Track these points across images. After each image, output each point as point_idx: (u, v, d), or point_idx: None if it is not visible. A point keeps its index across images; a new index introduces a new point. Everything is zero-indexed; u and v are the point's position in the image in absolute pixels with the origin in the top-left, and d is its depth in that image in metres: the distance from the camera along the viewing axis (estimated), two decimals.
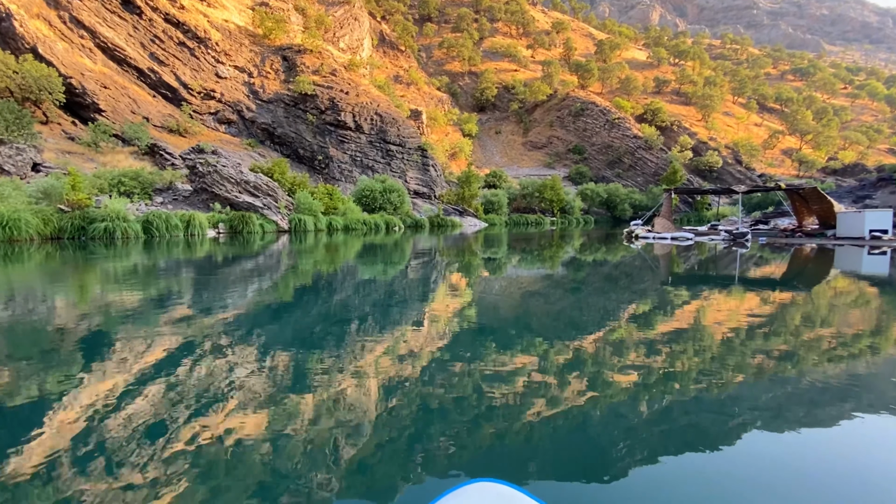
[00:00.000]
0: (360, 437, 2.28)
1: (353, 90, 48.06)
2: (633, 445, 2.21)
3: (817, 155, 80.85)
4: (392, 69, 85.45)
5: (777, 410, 2.65)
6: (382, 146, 47.66)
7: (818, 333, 4.48)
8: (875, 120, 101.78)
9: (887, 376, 3.32)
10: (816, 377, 3.23)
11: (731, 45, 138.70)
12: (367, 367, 3.31)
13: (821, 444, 2.26)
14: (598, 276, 9.43)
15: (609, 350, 3.84)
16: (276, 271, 9.17)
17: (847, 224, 20.27)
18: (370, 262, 11.22)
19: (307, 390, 2.85)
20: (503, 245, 18.60)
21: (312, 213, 25.38)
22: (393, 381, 3.05)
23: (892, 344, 4.14)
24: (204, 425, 2.35)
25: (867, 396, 2.89)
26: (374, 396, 2.79)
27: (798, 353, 3.81)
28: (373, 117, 47.42)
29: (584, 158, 79.41)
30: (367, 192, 34.05)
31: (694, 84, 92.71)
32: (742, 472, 1.97)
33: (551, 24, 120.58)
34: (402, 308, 5.46)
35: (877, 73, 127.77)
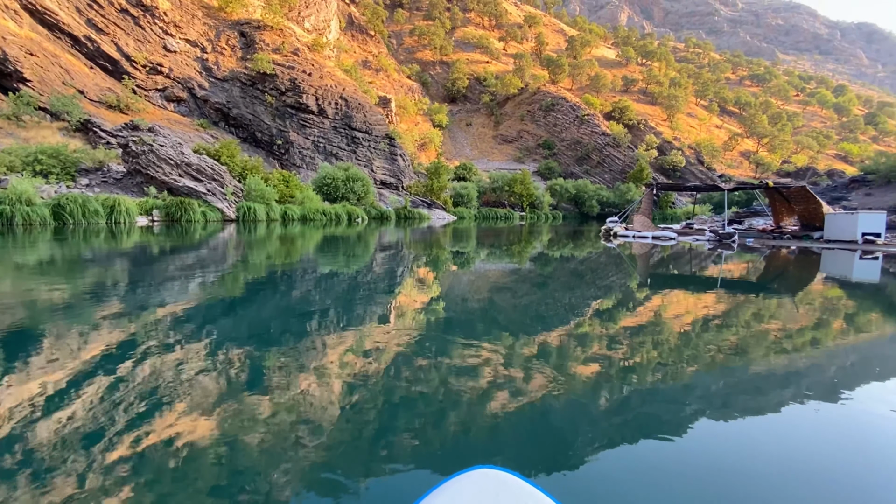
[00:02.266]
0: (323, 435, 2.23)
1: (317, 72, 45.52)
2: (593, 434, 2.30)
3: (773, 158, 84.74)
4: (360, 54, 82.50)
5: (724, 398, 2.84)
6: (347, 133, 45.47)
7: (799, 337, 4.76)
8: (824, 126, 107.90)
9: (839, 368, 3.58)
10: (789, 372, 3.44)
11: (694, 48, 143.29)
12: (330, 364, 3.23)
13: (762, 430, 2.43)
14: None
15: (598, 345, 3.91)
16: (222, 265, 8.37)
17: (837, 226, 19.33)
18: (331, 256, 10.66)
19: (265, 389, 2.74)
20: (472, 240, 17.47)
21: (265, 200, 23.38)
22: (357, 376, 3.00)
23: (849, 342, 4.48)
24: (148, 429, 2.23)
25: (805, 386, 3.12)
26: (338, 393, 2.74)
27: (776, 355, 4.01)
28: (338, 102, 45.11)
29: (554, 154, 79.71)
30: (329, 181, 32.08)
31: (660, 84, 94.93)
32: (692, 457, 2.11)
33: (523, 17, 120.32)
34: (367, 303, 5.32)
35: (826, 82, 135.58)
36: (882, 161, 28.10)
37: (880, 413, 2.69)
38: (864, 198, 24.94)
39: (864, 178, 27.62)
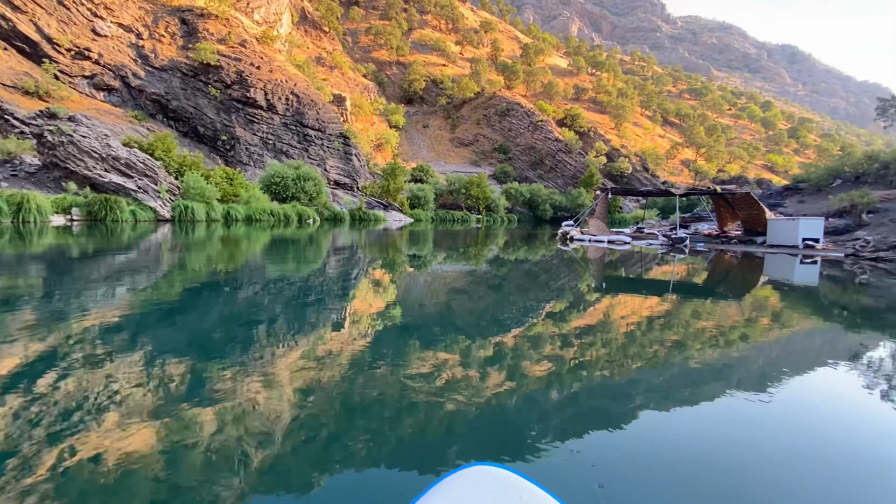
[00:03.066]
0: (273, 445, 2.15)
1: (267, 65, 43.47)
2: (544, 427, 2.38)
3: (710, 167, 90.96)
4: (314, 50, 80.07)
5: (665, 391, 3.02)
6: (299, 130, 43.71)
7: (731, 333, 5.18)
8: (753, 139, 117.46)
9: (761, 362, 3.90)
10: (706, 364, 3.71)
11: (639, 62, 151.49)
12: (280, 372, 3.10)
13: (697, 418, 2.62)
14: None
15: (529, 344, 4.02)
16: (155, 269, 7.70)
17: (779, 232, 19.89)
18: (279, 259, 10.12)
19: (207, 400, 2.56)
20: (430, 243, 17.08)
21: (205, 199, 21.73)
22: (310, 383, 2.90)
23: (776, 338, 4.87)
24: (73, 447, 2.06)
25: (736, 378, 3.39)
26: (289, 401, 2.62)
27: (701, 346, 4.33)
28: (288, 97, 43.29)
29: (509, 158, 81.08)
30: (278, 179, 30.50)
31: (608, 94, 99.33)
32: (636, 446, 2.24)
33: (480, 23, 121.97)
34: (319, 309, 5.15)
35: (755, 98, 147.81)
36: (812, 171, 30.39)
37: (803, 399, 3.04)
38: (798, 205, 26.59)
39: (797, 187, 29.72)
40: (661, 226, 30.74)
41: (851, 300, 7.44)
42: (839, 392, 3.24)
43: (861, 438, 2.47)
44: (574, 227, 25.04)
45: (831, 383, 3.41)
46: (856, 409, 2.92)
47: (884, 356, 4.16)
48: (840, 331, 5.28)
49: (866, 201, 19.69)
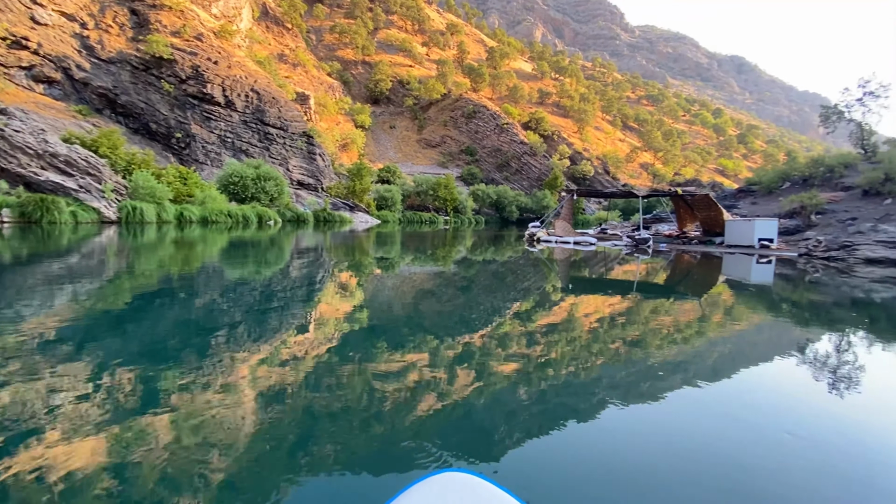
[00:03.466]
0: (233, 454, 2.06)
1: (225, 61, 41.93)
2: (512, 426, 2.43)
3: (666, 170, 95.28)
4: (276, 47, 77.98)
5: (627, 387, 3.14)
6: (260, 128, 42.43)
7: (688, 330, 5.45)
8: (706, 144, 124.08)
9: (715, 356, 4.18)
10: (663, 359, 3.88)
11: (600, 68, 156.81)
12: (241, 379, 2.96)
13: (658, 411, 2.75)
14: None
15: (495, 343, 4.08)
16: (100, 274, 7.20)
17: (737, 232, 20.30)
18: (239, 263, 9.72)
19: (161, 410, 2.43)
20: (398, 244, 16.98)
21: (156, 199, 20.67)
22: (273, 389, 2.80)
23: (730, 334, 5.23)
24: (11, 465, 1.90)
25: (692, 373, 3.61)
26: (251, 408, 2.52)
27: (655, 341, 4.53)
28: (248, 94, 41.94)
29: (476, 160, 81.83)
30: (236, 179, 29.43)
31: (571, 99, 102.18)
32: (601, 441, 2.32)
33: (446, 25, 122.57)
34: (282, 313, 4.98)
35: (707, 106, 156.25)
36: (763, 174, 31.98)
37: (754, 392, 3.25)
38: (751, 206, 27.59)
39: (749, 189, 31.12)
40: (624, 227, 31.78)
41: (804, 298, 7.98)
42: (789, 382, 3.46)
43: (816, 426, 2.65)
44: (540, 228, 25.16)
45: (784, 375, 3.65)
46: (807, 400, 3.13)
47: (831, 349, 4.49)
48: (794, 326, 5.68)
49: (815, 203, 20.62)
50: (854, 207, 19.73)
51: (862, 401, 3.04)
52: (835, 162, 25.03)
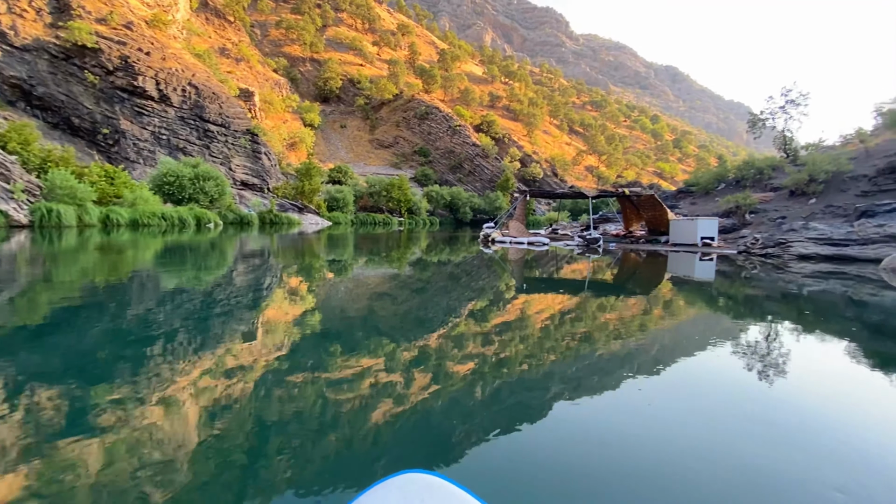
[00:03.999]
0: (174, 476, 1.91)
1: (158, 52, 39.22)
2: (469, 426, 2.45)
3: (610, 172, 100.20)
4: (217, 40, 74.10)
5: (577, 381, 3.30)
6: (199, 125, 40.07)
7: (630, 324, 5.75)
8: (645, 148, 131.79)
9: (657, 350, 4.39)
10: (609, 353, 4.11)
11: (547, 74, 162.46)
12: (181, 392, 2.75)
13: (605, 403, 2.90)
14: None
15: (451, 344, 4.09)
16: (11, 285, 6.55)
17: (680, 231, 20.96)
18: (175, 269, 9.06)
19: (91, 432, 2.23)
20: (350, 247, 16.66)
21: (77, 201, 18.88)
22: (218, 402, 2.64)
23: (671, 328, 5.55)
24: None
25: (636, 365, 3.81)
26: (195, 423, 2.37)
27: (601, 337, 4.80)
28: (185, 88, 39.48)
29: (429, 161, 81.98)
30: (172, 179, 27.54)
31: (520, 103, 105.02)
32: (553, 435, 2.41)
33: (397, 25, 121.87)
34: (226, 321, 4.71)
35: (645, 112, 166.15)
36: (701, 176, 34.09)
37: (701, 380, 3.51)
38: (691, 206, 29.05)
39: (688, 190, 33.08)
40: (573, 227, 32.99)
41: (744, 292, 8.69)
42: (732, 370, 3.75)
43: (751, 409, 2.88)
44: (495, 229, 25.41)
45: (727, 363, 3.95)
46: (751, 386, 3.41)
47: (768, 337, 4.95)
48: (734, 319, 6.24)
49: (748, 203, 22.14)
50: (783, 207, 21.48)
51: (797, 383, 3.36)
52: (763, 165, 27.26)
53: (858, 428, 2.64)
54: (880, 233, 14.58)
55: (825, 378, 3.60)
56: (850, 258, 14.33)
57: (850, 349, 4.44)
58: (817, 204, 20.06)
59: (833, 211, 18.08)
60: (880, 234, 14.54)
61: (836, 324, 5.60)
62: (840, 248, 14.91)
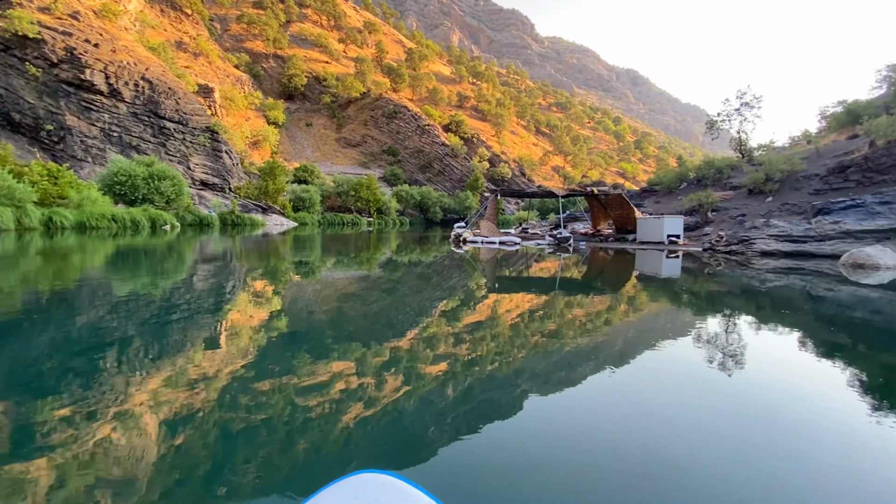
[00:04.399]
0: (132, 493, 1.83)
1: (108, 44, 37.15)
2: (441, 426, 2.46)
3: (575, 172, 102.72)
4: (173, 33, 70.97)
5: (546, 376, 3.37)
6: (154, 122, 38.25)
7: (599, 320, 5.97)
8: (608, 149, 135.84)
9: (622, 345, 4.58)
10: (577, 348, 4.23)
11: (513, 75, 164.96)
12: (138, 404, 2.61)
13: (573, 396, 2.97)
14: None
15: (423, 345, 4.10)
16: None
17: (647, 229, 21.35)
18: (128, 274, 8.56)
19: (39, 450, 2.09)
20: (317, 248, 16.35)
21: (14, 202, 17.53)
22: (179, 413, 2.51)
23: (635, 323, 5.77)
24: None
25: (602, 359, 3.95)
26: (154, 436, 2.26)
27: (570, 333, 4.92)
28: (139, 83, 37.59)
29: (398, 160, 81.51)
30: (124, 178, 26.11)
31: (488, 103, 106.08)
32: (523, 429, 2.45)
33: (363, 23, 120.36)
34: (187, 327, 4.53)
35: (608, 114, 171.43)
36: (664, 175, 34.87)
37: (667, 375, 3.68)
38: (655, 204, 29.56)
39: (652, 189, 33.99)
40: (542, 226, 33.50)
41: (708, 289, 9.12)
42: (700, 365, 3.94)
43: (720, 402, 3.04)
44: (466, 228, 25.24)
45: (694, 357, 4.15)
46: (714, 377, 3.59)
47: (730, 330, 5.25)
48: (699, 313, 6.55)
49: (710, 201, 22.85)
50: (742, 205, 22.43)
51: (762, 375, 3.57)
52: (723, 164, 28.45)
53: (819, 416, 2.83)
54: (836, 229, 15.21)
55: (789, 368, 3.83)
56: (809, 254, 14.96)
57: (806, 339, 4.79)
58: (774, 202, 21.02)
59: (789, 209, 19.06)
60: (836, 231, 15.19)
61: (800, 317, 5.99)
62: (799, 245, 15.52)
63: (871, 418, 2.69)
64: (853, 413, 2.76)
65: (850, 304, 7.02)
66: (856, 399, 3.03)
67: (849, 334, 4.95)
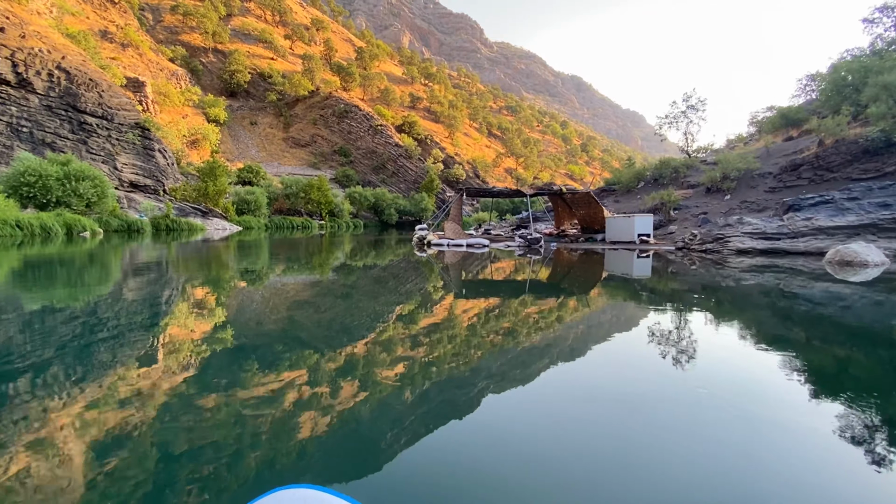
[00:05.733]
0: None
1: (16, 28, 32.95)
2: (398, 431, 2.41)
3: (527, 174, 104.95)
4: (97, 22, 64.90)
5: (503, 375, 3.40)
6: (72, 116, 34.37)
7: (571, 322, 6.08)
8: (557, 151, 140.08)
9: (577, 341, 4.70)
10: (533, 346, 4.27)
11: (464, 78, 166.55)
12: (64, 428, 2.36)
13: (528, 392, 3.02)
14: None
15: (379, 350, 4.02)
16: None
17: (617, 229, 20.81)
18: (39, 288, 7.45)
19: None
20: (264, 254, 14.99)
21: None
22: (111, 434, 2.30)
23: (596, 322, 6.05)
24: None
25: (556, 354, 4.05)
26: (80, 461, 2.04)
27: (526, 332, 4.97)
28: (53, 73, 33.63)
29: (350, 161, 79.33)
30: (33, 178, 22.96)
31: (441, 105, 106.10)
32: (482, 429, 2.43)
33: (310, 20, 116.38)
34: (116, 343, 4.07)
35: (555, 118, 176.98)
36: (622, 174, 35.17)
37: (610, 363, 3.81)
38: (615, 203, 28.83)
39: (610, 188, 34.02)
40: (502, 226, 33.08)
41: (685, 288, 9.20)
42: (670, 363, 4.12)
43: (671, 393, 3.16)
44: (428, 230, 24.02)
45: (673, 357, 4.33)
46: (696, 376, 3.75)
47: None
48: (681, 315, 6.92)
49: (672, 199, 23.08)
50: (703, 203, 22.98)
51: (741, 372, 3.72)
52: (679, 163, 29.35)
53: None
54: (808, 226, 15.14)
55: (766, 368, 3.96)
56: (783, 251, 14.83)
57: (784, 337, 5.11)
58: (733, 200, 21.59)
59: (748, 206, 19.63)
60: (808, 228, 15.12)
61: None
62: (773, 242, 15.42)
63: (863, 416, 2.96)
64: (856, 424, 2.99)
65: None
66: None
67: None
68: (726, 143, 43.91)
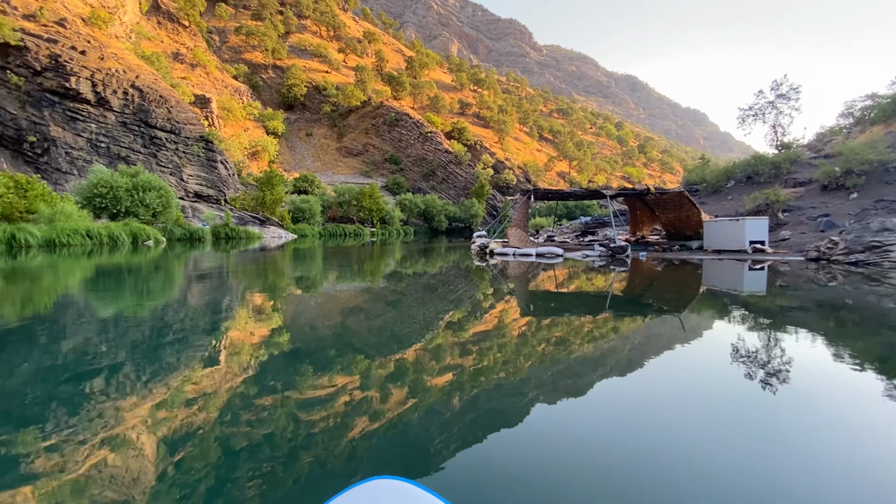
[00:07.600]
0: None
1: (96, 51, 35.38)
2: (447, 437, 2.37)
3: (581, 177, 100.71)
4: (170, 45, 69.74)
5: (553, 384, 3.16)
6: (144, 131, 36.32)
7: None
8: (612, 153, 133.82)
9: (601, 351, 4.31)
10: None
11: (513, 82, 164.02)
12: (132, 427, 2.50)
13: (583, 404, 2.76)
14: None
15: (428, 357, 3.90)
16: None
17: (721, 234, 17.52)
18: (110, 295, 7.62)
19: (27, 478, 2.01)
20: (318, 261, 14.54)
21: None
22: (177, 433, 2.40)
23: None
24: None
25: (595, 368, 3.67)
26: (149, 458, 2.16)
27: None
28: (128, 91, 35.74)
29: (401, 169, 79.69)
30: (104, 190, 23.99)
31: (490, 110, 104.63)
32: (530, 438, 2.31)
33: (363, 33, 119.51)
34: (181, 347, 4.25)
35: (609, 119, 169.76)
36: (707, 172, 30.53)
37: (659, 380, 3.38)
38: (701, 205, 24.04)
39: (692, 188, 30.35)
40: (563, 232, 30.41)
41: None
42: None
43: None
44: (487, 237, 21.40)
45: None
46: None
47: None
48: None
49: (781, 199, 19.52)
50: (820, 203, 19.41)
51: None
52: (779, 159, 25.31)
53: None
54: None
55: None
56: None
57: None
58: (863, 198, 18.04)
59: (888, 206, 15.94)
60: None
61: None
62: None
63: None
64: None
65: None
66: None
67: None
68: (815, 137, 38.49)
